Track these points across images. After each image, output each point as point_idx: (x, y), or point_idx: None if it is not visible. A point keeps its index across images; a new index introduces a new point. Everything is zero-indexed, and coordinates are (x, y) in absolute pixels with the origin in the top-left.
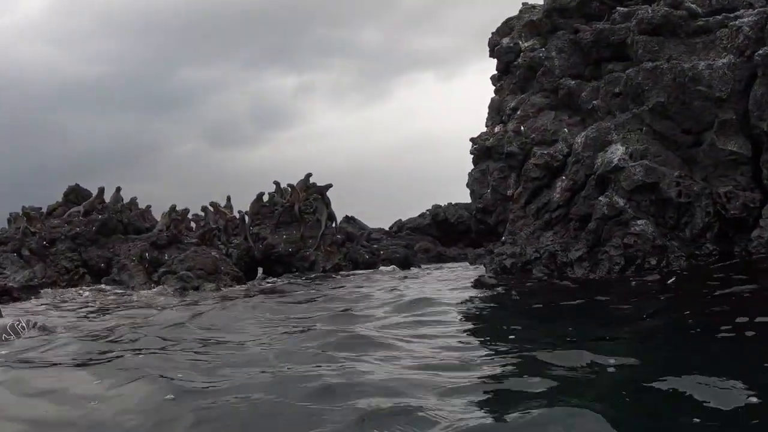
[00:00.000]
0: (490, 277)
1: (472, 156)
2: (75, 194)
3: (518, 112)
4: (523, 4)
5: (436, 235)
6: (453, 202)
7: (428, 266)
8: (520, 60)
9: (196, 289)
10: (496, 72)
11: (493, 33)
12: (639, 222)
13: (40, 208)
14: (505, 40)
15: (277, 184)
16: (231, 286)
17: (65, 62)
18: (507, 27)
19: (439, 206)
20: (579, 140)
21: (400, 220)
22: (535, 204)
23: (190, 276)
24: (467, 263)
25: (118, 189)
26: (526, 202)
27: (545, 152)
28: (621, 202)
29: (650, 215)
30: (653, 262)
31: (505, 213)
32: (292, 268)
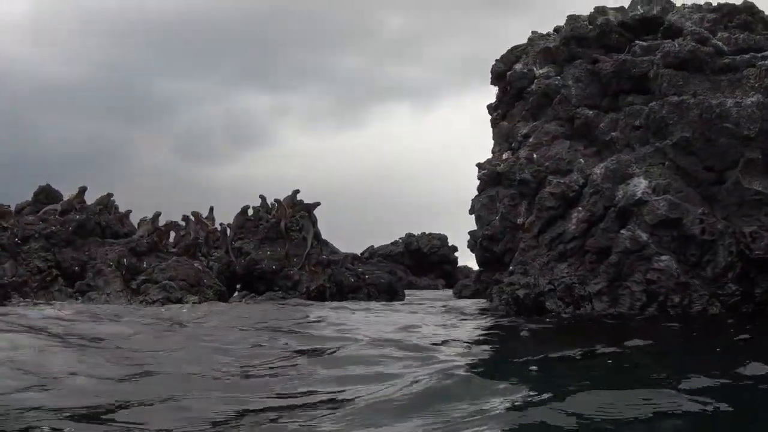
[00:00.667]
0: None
1: (479, 181)
2: (45, 194)
3: (531, 140)
4: (533, 32)
5: (408, 264)
6: (426, 232)
7: (408, 296)
8: (534, 86)
9: (179, 301)
10: (495, 100)
11: (497, 60)
12: (663, 258)
13: (9, 206)
14: (518, 66)
15: (263, 198)
16: (213, 300)
17: (43, 62)
18: (512, 55)
19: (413, 235)
20: (597, 171)
21: (372, 246)
22: (549, 234)
23: (173, 286)
24: (441, 292)
25: (110, 195)
26: (539, 232)
27: (561, 181)
28: (644, 236)
29: (672, 251)
30: (676, 299)
31: (514, 242)
32: (275, 286)
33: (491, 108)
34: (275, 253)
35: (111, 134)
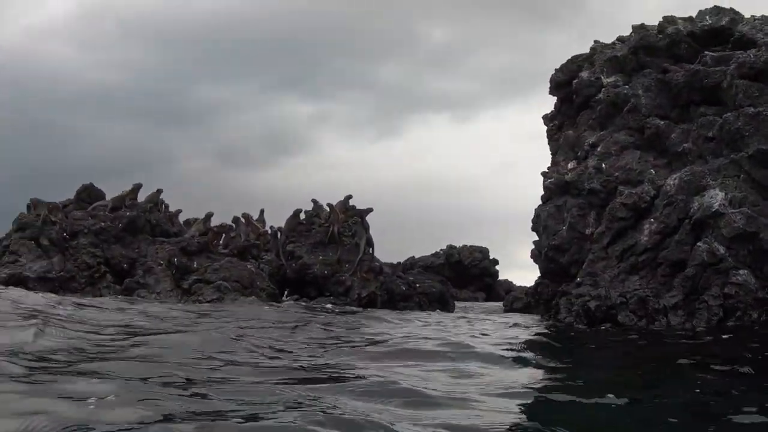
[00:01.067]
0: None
1: (544, 190)
2: (88, 193)
3: (599, 149)
4: (595, 41)
5: (448, 276)
6: (468, 244)
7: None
8: (601, 95)
9: (233, 302)
10: (553, 110)
11: (556, 70)
12: (741, 272)
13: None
14: (585, 74)
15: (315, 202)
16: (267, 302)
17: (86, 66)
18: (573, 64)
19: (454, 247)
20: (671, 182)
21: (413, 257)
22: (620, 245)
23: (227, 287)
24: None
25: (159, 191)
26: (608, 243)
27: (633, 192)
28: (721, 249)
29: (747, 265)
30: (754, 315)
31: (581, 253)
32: (326, 291)
33: (548, 118)
34: (327, 258)
35: (151, 140)
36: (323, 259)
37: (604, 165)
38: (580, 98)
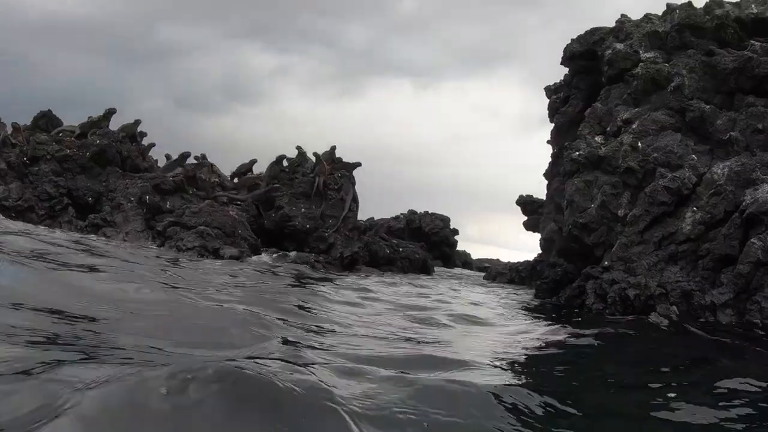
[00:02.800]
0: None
1: (571, 162)
2: (46, 121)
3: (634, 126)
4: (622, 15)
5: (399, 234)
6: (429, 211)
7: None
8: (639, 70)
9: (215, 252)
10: (561, 81)
11: (573, 40)
12: None
13: (4, 125)
14: (619, 46)
15: (299, 149)
16: (249, 255)
17: None
18: (592, 36)
19: (415, 212)
20: (719, 171)
21: (373, 218)
22: (659, 231)
23: (210, 234)
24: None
25: (138, 122)
26: (645, 228)
27: (677, 176)
28: None
29: None
30: None
31: (609, 234)
32: (306, 247)
33: (551, 90)
34: (310, 211)
35: (108, 75)
36: (306, 212)
37: (640, 144)
38: (613, 70)
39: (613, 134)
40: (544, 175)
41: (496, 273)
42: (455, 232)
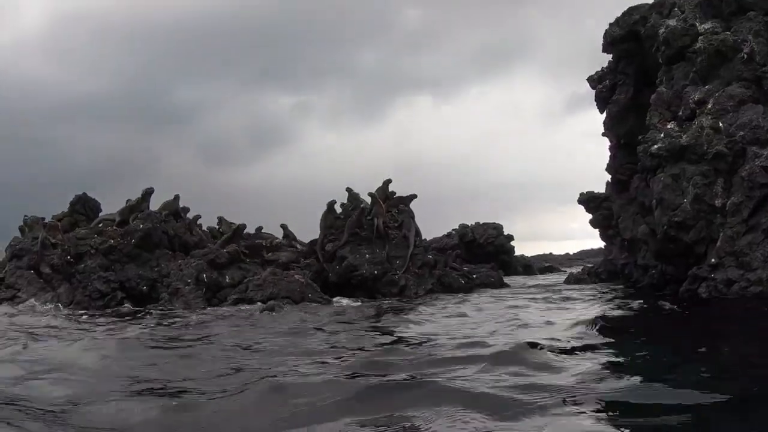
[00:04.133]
0: None
1: (650, 158)
2: (82, 204)
3: (709, 106)
4: None
5: (464, 257)
6: (480, 222)
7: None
8: (700, 44)
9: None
10: (606, 68)
11: (611, 24)
12: None
13: (43, 218)
14: (672, 22)
15: (349, 191)
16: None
17: (63, 78)
18: (632, 16)
19: (467, 225)
20: None
21: (425, 239)
22: (766, 217)
23: (280, 305)
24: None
25: (177, 198)
26: (750, 215)
27: None
28: None
29: None
30: None
31: (709, 228)
32: (377, 293)
33: (595, 80)
34: (375, 255)
35: (134, 143)
36: (371, 258)
37: (721, 124)
38: (670, 49)
39: (687, 118)
40: (607, 169)
41: (575, 279)
42: (510, 238)
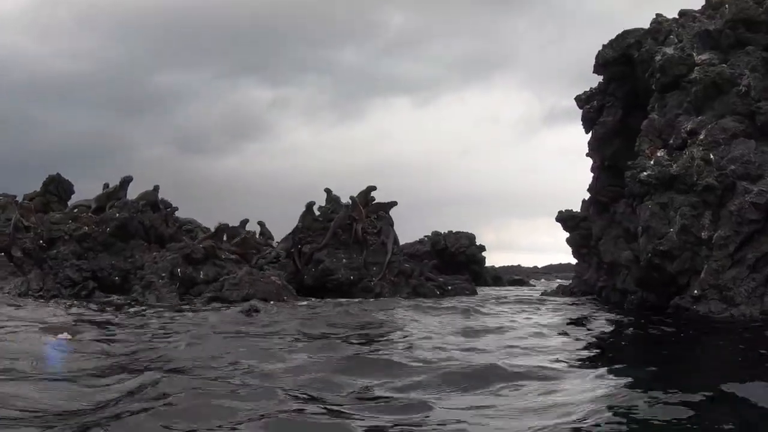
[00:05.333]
0: None
1: (639, 184)
2: (55, 185)
3: (701, 137)
4: (657, 15)
5: (435, 264)
6: (453, 230)
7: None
8: (696, 75)
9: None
10: (595, 89)
11: (604, 46)
12: None
13: (15, 196)
14: (669, 50)
15: (328, 192)
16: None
17: (41, 56)
18: (626, 40)
19: (439, 233)
20: None
21: None
22: (752, 253)
23: (257, 307)
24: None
25: (156, 188)
26: (736, 249)
27: (763, 189)
28: None
29: None
30: None
31: (694, 260)
32: (351, 299)
33: (582, 99)
34: (351, 261)
35: (110, 128)
36: (347, 263)
37: (712, 156)
38: (666, 77)
39: (677, 147)
40: (589, 189)
41: (550, 292)
42: (482, 248)
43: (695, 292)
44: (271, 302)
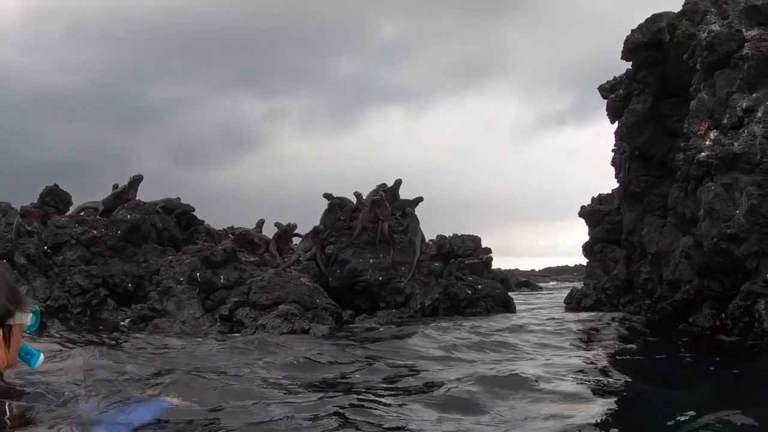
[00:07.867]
0: None
1: (700, 167)
2: (53, 196)
3: (759, 114)
4: None
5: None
6: (459, 233)
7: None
8: (747, 51)
9: (305, 333)
10: (624, 76)
11: (633, 30)
12: None
13: (13, 208)
14: (716, 27)
15: (358, 196)
16: (336, 327)
17: (36, 71)
18: (657, 23)
19: (444, 237)
20: None
21: None
22: None
23: (294, 313)
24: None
25: (178, 199)
26: None
27: None
28: None
29: None
30: None
31: (763, 241)
32: (380, 301)
33: (606, 89)
34: (379, 261)
35: (105, 140)
36: (375, 263)
37: None
38: (714, 55)
39: (732, 126)
40: (618, 180)
41: (580, 296)
42: (488, 251)
43: (767, 276)
44: (311, 331)
